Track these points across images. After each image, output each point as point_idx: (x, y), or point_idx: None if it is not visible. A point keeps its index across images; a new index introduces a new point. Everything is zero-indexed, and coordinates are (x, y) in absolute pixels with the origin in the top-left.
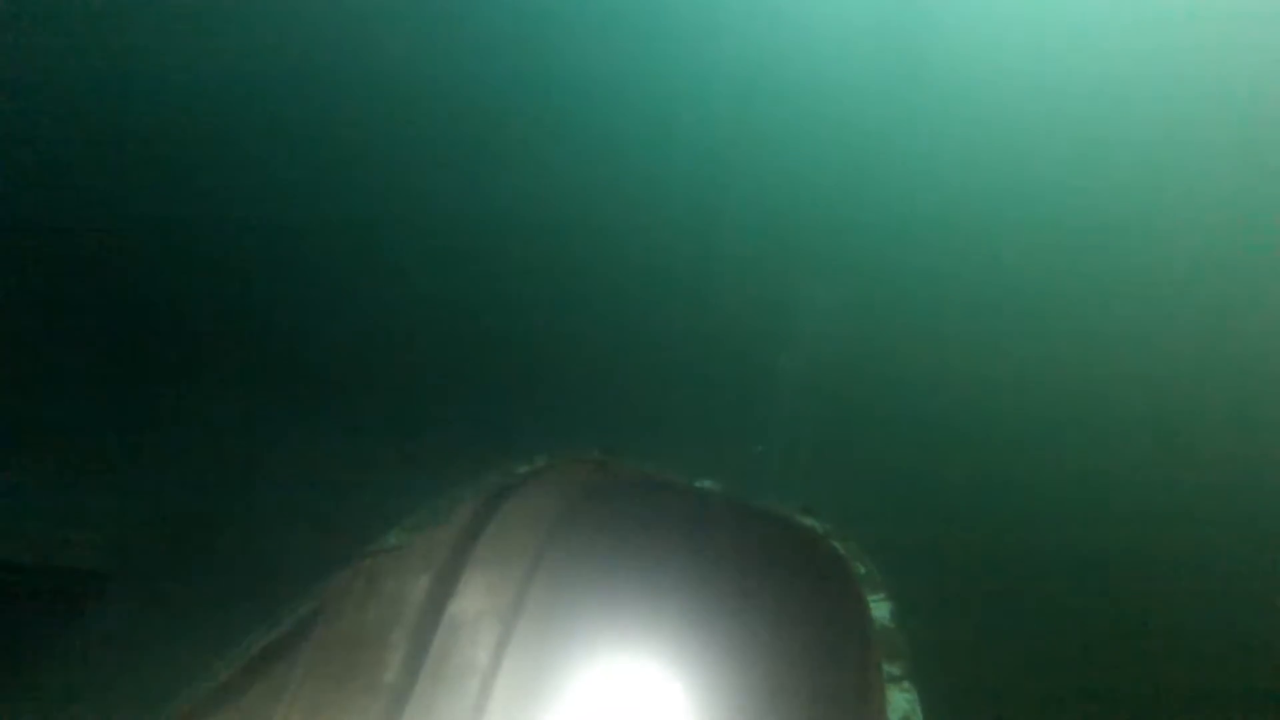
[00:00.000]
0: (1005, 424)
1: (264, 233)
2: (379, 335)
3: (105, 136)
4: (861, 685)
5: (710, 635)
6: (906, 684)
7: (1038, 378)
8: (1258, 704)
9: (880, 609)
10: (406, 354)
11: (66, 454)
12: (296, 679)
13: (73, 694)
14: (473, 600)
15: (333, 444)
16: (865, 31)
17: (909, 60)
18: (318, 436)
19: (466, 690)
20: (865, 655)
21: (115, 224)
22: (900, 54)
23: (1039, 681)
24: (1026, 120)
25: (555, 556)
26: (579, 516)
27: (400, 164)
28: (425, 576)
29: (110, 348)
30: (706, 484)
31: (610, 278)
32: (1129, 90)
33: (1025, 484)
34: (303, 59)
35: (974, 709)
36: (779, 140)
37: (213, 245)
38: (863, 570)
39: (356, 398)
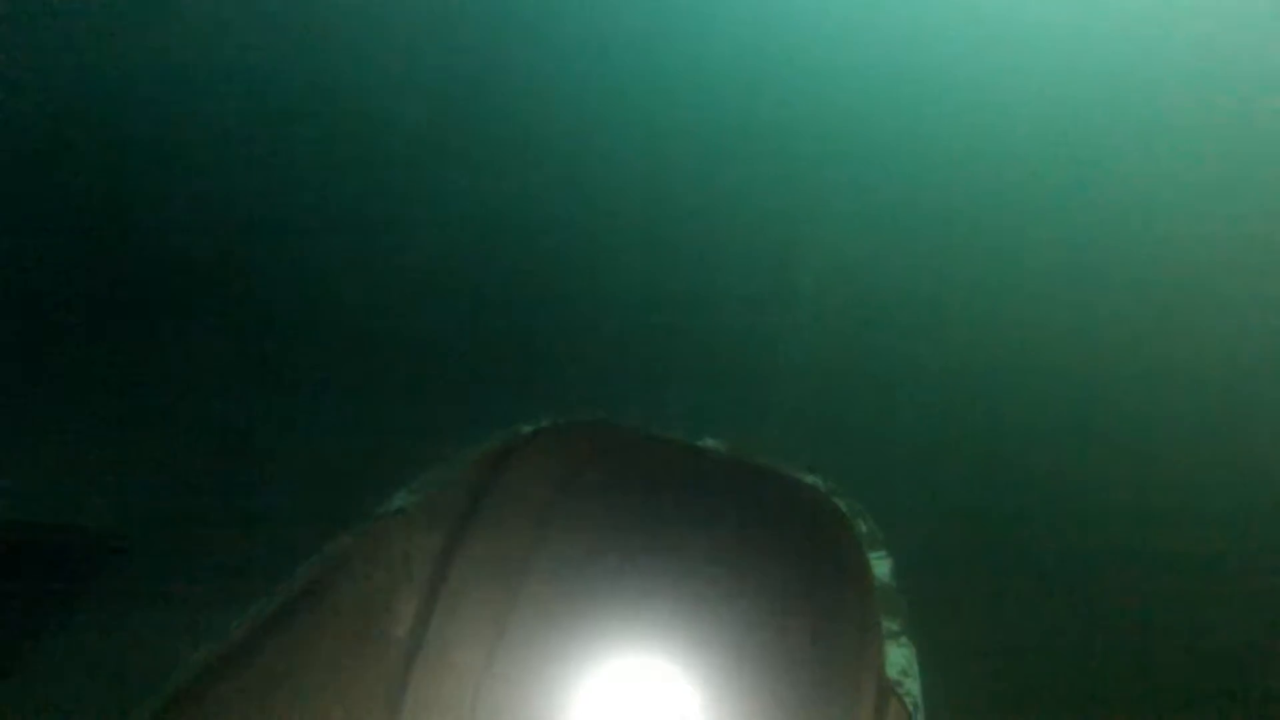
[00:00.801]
0: (1011, 398)
1: (255, 215)
2: (383, 305)
3: (99, 133)
4: (860, 639)
5: (710, 593)
6: (904, 639)
7: (1043, 351)
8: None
9: (880, 566)
10: (412, 324)
11: (74, 422)
12: (313, 637)
13: (92, 656)
14: (480, 560)
15: (338, 408)
16: (864, 24)
17: (908, 56)
18: (323, 401)
19: (477, 645)
20: (864, 611)
21: (101, 218)
22: (900, 49)
23: (1037, 642)
24: (1032, 112)
25: (560, 516)
26: (583, 477)
27: (393, 145)
28: (433, 537)
29: (115, 328)
30: (709, 442)
31: (614, 244)
32: (1130, 86)
33: (1027, 456)
34: (293, 58)
35: (969, 666)
36: (779, 124)
37: (202, 229)
38: (864, 528)
39: (361, 363)
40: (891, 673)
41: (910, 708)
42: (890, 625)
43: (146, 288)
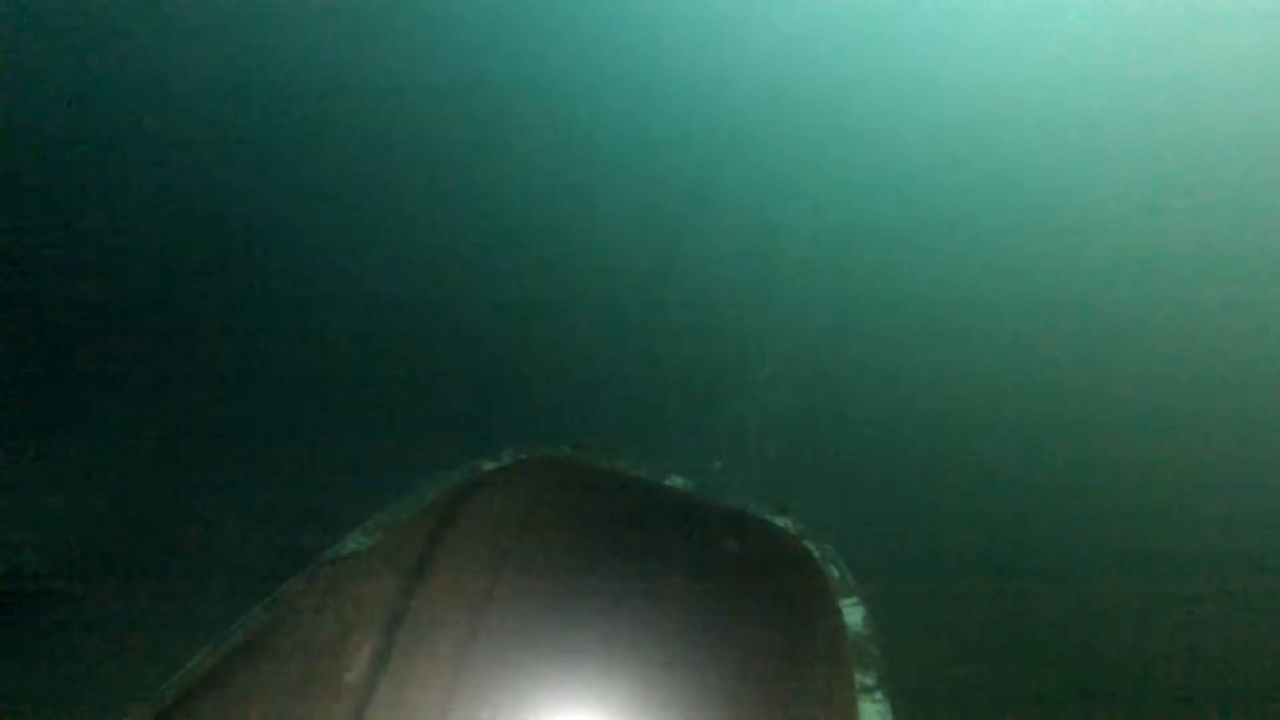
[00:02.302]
0: (982, 427)
1: (228, 233)
2: (340, 333)
3: (96, 135)
4: (828, 694)
5: (673, 638)
6: (879, 695)
7: (1018, 380)
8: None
9: (854, 614)
10: (367, 351)
11: (13, 453)
12: (256, 687)
13: (24, 701)
14: (439, 601)
15: (292, 443)
16: (861, 28)
17: (906, 58)
18: (277, 436)
19: (432, 689)
20: (834, 663)
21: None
22: (897, 52)
23: (1020, 689)
24: (1025, 118)
25: (521, 557)
26: (545, 515)
27: (375, 161)
28: (390, 578)
29: (58, 345)
30: (677, 481)
31: (583, 273)
32: (1129, 88)
33: (1004, 486)
34: (285, 58)
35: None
36: (764, 137)
37: (175, 244)
38: (836, 574)
39: (316, 395)
40: None
41: None
42: (864, 679)
43: (90, 322)
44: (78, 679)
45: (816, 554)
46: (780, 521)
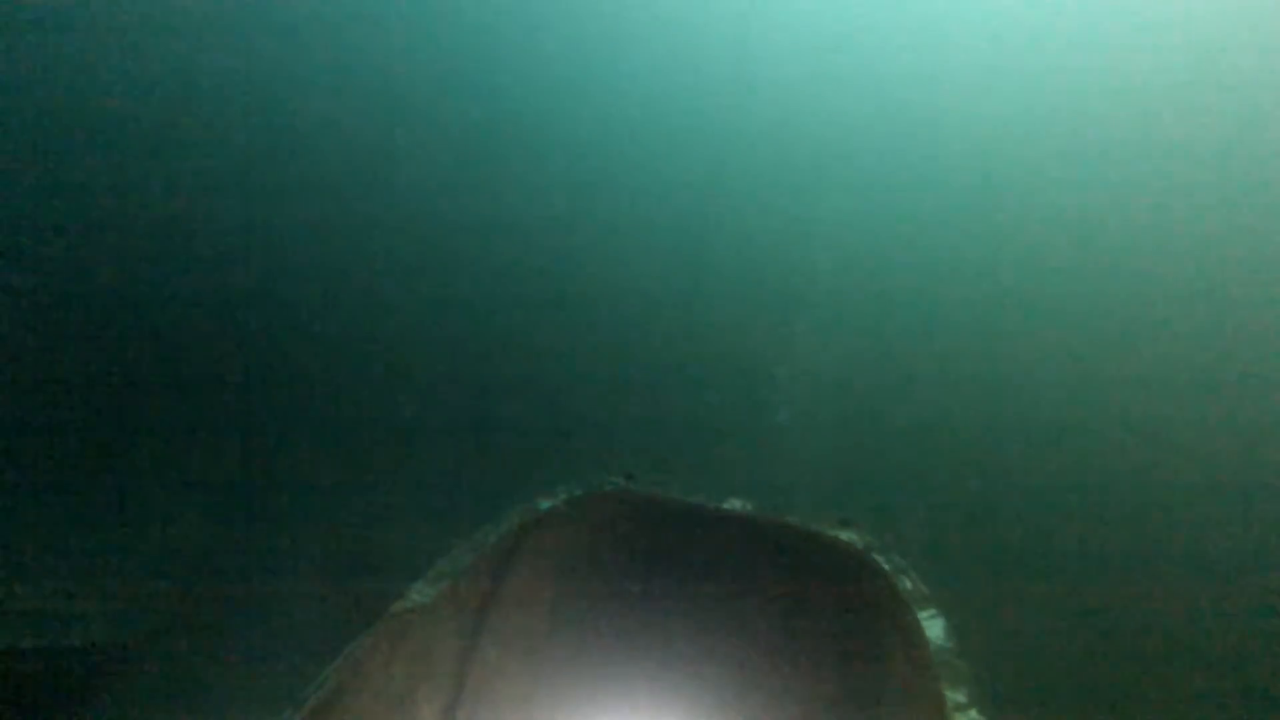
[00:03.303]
0: (1006, 430)
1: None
2: (378, 378)
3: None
4: (914, 715)
5: (746, 667)
6: (974, 712)
7: (1035, 378)
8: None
9: (934, 627)
10: (410, 392)
11: (57, 512)
12: None
13: None
14: (503, 647)
15: (345, 494)
16: (862, 32)
17: (906, 62)
18: (329, 488)
19: None
20: (916, 680)
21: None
22: (897, 57)
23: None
24: (1028, 120)
25: (584, 595)
26: (606, 550)
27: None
28: (454, 627)
29: (96, 391)
30: (735, 504)
31: (608, 306)
32: (1129, 89)
33: (1038, 484)
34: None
35: None
36: (776, 153)
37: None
38: (909, 585)
39: (362, 443)
40: None
41: None
42: (955, 696)
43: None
44: None
45: (887, 566)
46: (845, 535)
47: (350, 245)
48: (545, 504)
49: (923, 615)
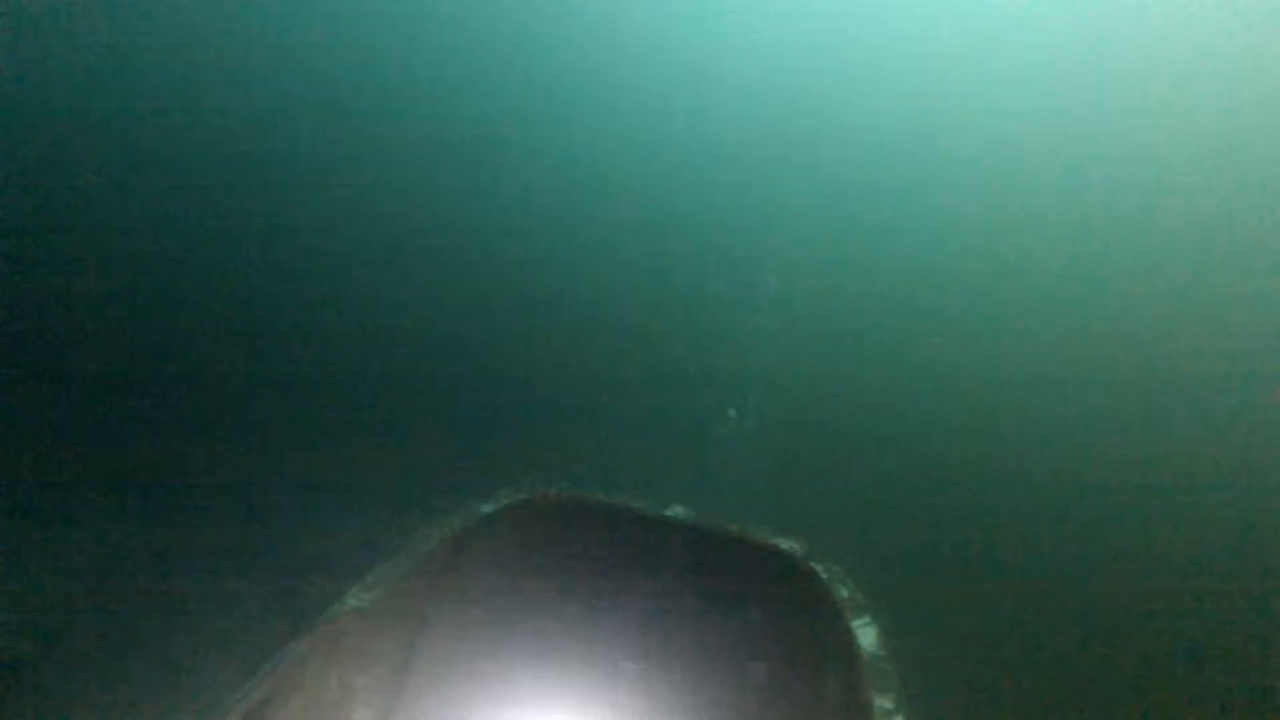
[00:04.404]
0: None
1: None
2: (318, 373)
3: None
4: (829, 715)
5: (684, 670)
6: (899, 718)
7: (1000, 386)
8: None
9: (866, 635)
10: (347, 389)
11: None
12: None
13: None
14: (443, 651)
15: (280, 490)
16: (857, 31)
17: (903, 59)
18: (264, 483)
19: None
20: (849, 687)
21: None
22: (894, 53)
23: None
24: (1020, 118)
25: (524, 600)
26: (546, 555)
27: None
28: (392, 632)
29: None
30: (677, 511)
31: (568, 303)
32: (1128, 87)
33: (1004, 490)
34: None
35: None
36: (755, 142)
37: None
38: (845, 593)
39: (301, 438)
40: None
41: None
42: (883, 703)
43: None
44: None
45: (824, 574)
46: (785, 544)
47: (271, 248)
48: (487, 507)
49: (856, 623)
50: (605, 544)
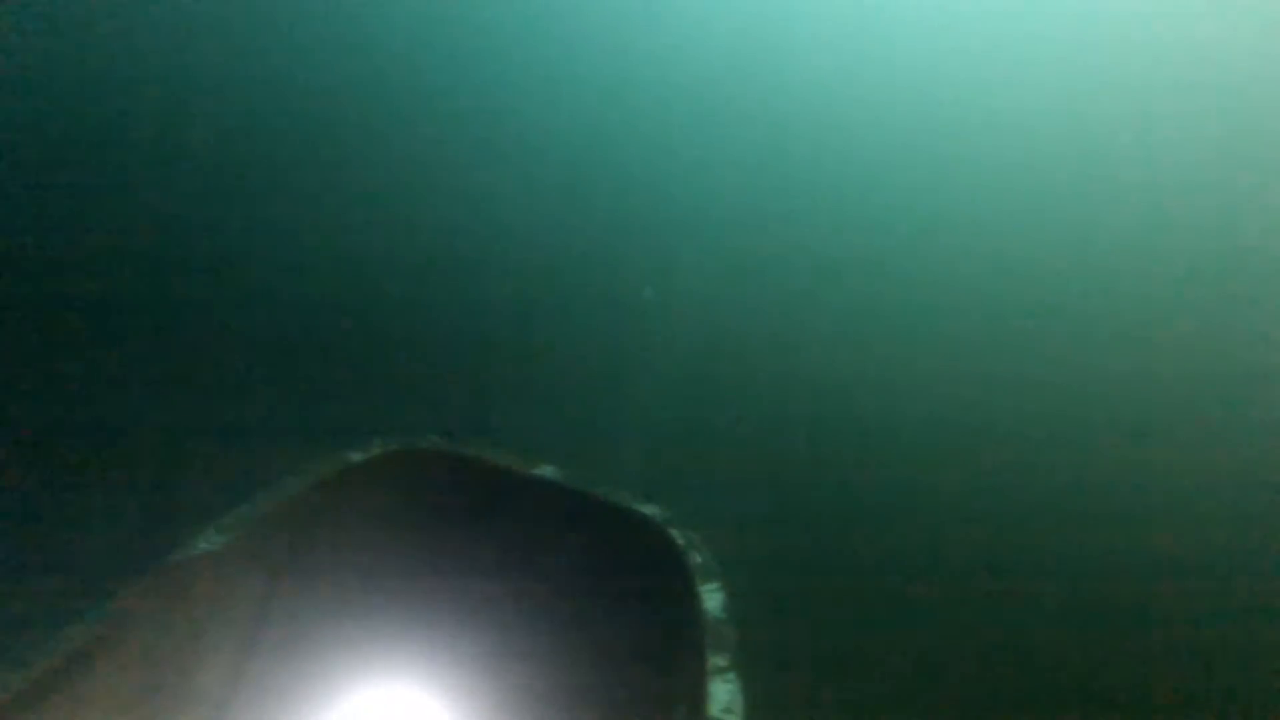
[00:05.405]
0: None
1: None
2: (185, 315)
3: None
4: (690, 681)
5: (543, 632)
6: (731, 675)
7: (935, 376)
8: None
9: (713, 600)
10: (219, 334)
11: None
12: (85, 702)
13: None
14: (304, 601)
15: (132, 435)
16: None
17: (901, 60)
18: (115, 427)
19: (297, 694)
20: (695, 650)
21: None
22: (893, 54)
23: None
24: (1021, 119)
25: (391, 554)
26: (415, 509)
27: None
28: (250, 578)
29: None
30: (546, 470)
31: (446, 261)
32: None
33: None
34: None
35: (804, 703)
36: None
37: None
38: (699, 559)
39: (158, 381)
40: (714, 710)
41: None
42: (717, 660)
43: None
44: None
45: (680, 540)
46: (646, 510)
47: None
48: (356, 457)
49: (706, 588)
50: (473, 499)
